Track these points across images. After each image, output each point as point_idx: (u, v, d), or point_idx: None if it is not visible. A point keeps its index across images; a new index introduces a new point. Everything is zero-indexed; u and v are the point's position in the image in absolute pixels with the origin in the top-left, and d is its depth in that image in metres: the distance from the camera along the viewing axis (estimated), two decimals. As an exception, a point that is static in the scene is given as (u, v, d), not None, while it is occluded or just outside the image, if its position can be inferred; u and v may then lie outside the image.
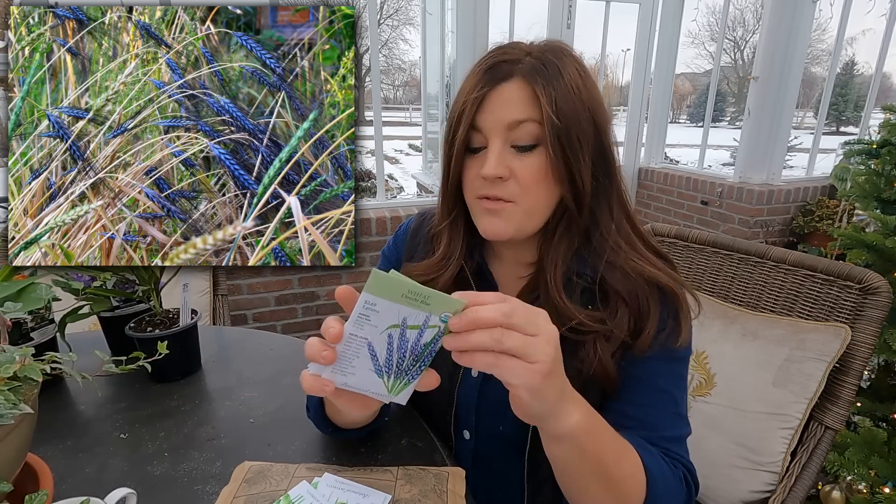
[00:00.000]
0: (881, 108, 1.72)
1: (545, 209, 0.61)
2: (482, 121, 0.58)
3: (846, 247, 1.53)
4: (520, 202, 0.59)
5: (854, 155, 1.75)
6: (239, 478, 0.61)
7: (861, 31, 14.70)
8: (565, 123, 0.55)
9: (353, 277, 2.37)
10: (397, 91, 41.45)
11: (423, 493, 0.59)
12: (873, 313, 0.87)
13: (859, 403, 1.37)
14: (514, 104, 0.57)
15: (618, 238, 0.61)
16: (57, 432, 0.72)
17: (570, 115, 0.56)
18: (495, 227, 0.61)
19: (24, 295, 0.74)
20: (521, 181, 0.58)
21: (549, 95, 0.55)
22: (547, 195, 0.59)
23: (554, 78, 0.56)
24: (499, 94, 0.57)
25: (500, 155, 0.57)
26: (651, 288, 0.60)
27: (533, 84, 0.56)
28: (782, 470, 0.91)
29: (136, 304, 0.91)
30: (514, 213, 0.59)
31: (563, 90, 0.55)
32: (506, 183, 0.58)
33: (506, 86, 0.57)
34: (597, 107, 0.58)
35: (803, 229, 2.74)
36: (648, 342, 0.59)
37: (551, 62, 0.57)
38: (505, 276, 0.69)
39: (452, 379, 0.69)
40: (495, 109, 0.57)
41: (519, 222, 0.60)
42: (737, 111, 23.09)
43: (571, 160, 0.57)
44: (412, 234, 0.77)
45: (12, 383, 0.45)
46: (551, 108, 0.55)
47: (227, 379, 0.87)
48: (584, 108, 0.56)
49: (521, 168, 0.58)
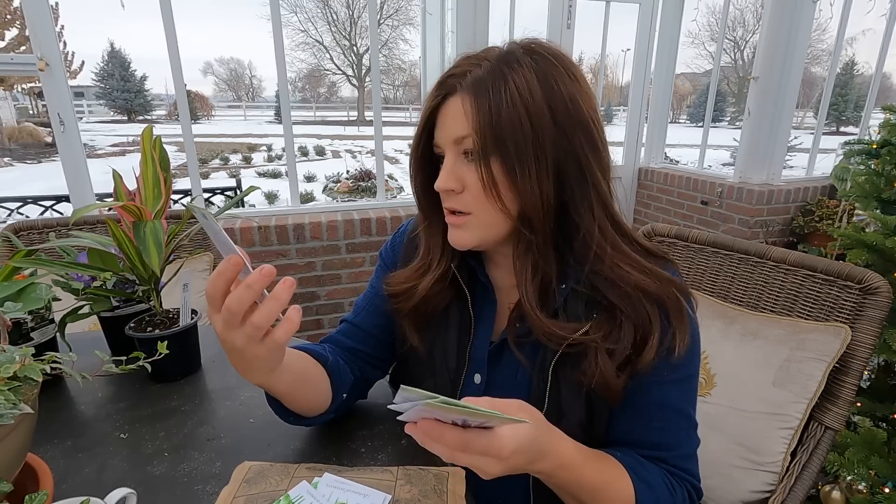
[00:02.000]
0: (881, 108, 1.72)
1: (501, 220, 0.59)
2: (438, 135, 0.60)
3: (846, 247, 1.53)
4: (476, 213, 0.60)
5: (854, 155, 1.75)
6: (239, 478, 0.61)
7: (861, 31, 14.71)
8: (498, 135, 0.54)
9: (353, 277, 2.37)
10: (397, 91, 41.44)
11: (423, 493, 0.59)
12: (873, 313, 0.87)
13: (859, 403, 1.37)
14: (456, 120, 0.57)
15: (603, 242, 0.59)
16: (57, 432, 0.72)
17: (506, 126, 0.54)
18: (458, 238, 0.62)
19: (24, 295, 0.74)
20: (472, 192, 0.58)
21: (482, 108, 0.54)
22: (502, 204, 0.58)
23: (494, 88, 0.54)
24: (446, 109, 0.59)
25: (450, 169, 0.59)
26: (645, 297, 0.58)
27: (468, 98, 0.56)
28: (782, 470, 0.91)
29: (136, 304, 0.91)
30: (473, 224, 0.60)
31: (500, 99, 0.54)
32: (460, 195, 0.59)
33: (451, 100, 0.58)
34: (561, 110, 0.55)
35: (803, 229, 2.74)
36: (654, 354, 0.57)
37: (497, 71, 0.55)
38: (503, 280, 0.69)
39: (455, 386, 0.69)
40: (445, 124, 0.59)
41: (479, 233, 0.61)
42: (737, 111, 23.10)
43: (509, 173, 0.55)
44: (410, 238, 0.77)
45: (12, 383, 0.45)
46: (479, 120, 0.55)
47: (227, 379, 0.87)
48: (534, 115, 0.54)
49: (470, 180, 0.58)
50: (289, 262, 2.13)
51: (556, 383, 0.61)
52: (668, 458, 0.61)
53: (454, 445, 0.44)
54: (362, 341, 0.76)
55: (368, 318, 0.77)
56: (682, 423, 0.63)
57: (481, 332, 0.68)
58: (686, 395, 0.63)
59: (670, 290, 0.59)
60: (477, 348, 0.67)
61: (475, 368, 0.68)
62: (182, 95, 1.99)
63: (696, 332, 0.62)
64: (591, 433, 0.63)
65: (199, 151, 12.81)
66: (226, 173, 11.63)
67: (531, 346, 0.62)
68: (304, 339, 1.24)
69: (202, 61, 47.67)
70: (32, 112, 25.80)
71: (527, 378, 0.63)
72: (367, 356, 0.77)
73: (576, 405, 0.61)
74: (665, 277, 0.59)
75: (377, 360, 0.78)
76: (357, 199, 4.55)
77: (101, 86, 30.91)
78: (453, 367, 0.68)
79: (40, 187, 8.08)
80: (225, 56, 61.72)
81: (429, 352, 0.70)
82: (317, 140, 18.50)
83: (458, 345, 0.68)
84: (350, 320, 0.78)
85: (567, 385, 0.61)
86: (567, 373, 0.60)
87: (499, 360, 0.66)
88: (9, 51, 11.83)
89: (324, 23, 33.23)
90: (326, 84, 43.86)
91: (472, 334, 0.68)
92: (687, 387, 0.63)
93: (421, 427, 0.44)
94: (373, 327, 0.77)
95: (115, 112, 31.98)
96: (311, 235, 2.14)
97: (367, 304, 0.78)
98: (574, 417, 0.61)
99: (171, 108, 31.03)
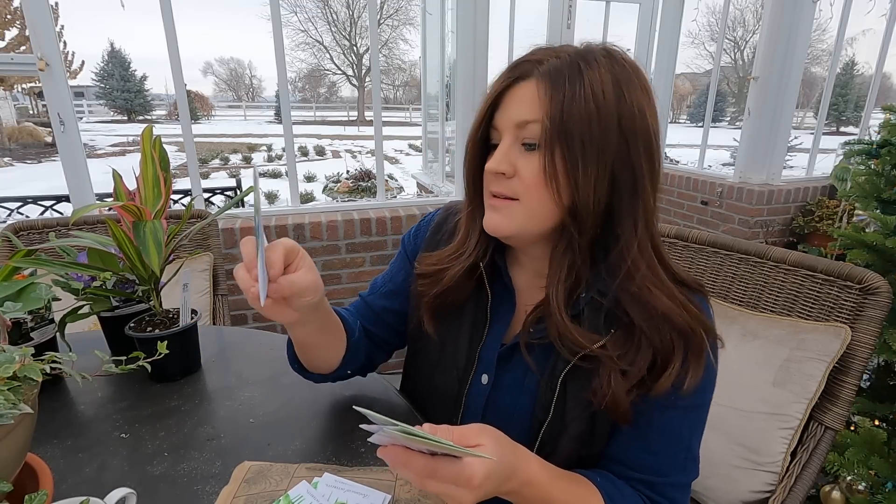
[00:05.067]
0: (881, 108, 1.72)
1: (546, 213, 0.59)
2: (498, 118, 0.59)
3: (846, 247, 1.53)
4: (523, 200, 0.58)
5: (854, 155, 1.75)
6: (239, 478, 0.61)
7: (861, 31, 14.70)
8: (567, 127, 0.54)
9: (352, 277, 2.37)
10: (397, 91, 41.47)
11: (422, 493, 0.59)
12: (873, 313, 0.87)
13: (859, 403, 1.37)
14: (525, 103, 0.56)
15: (639, 259, 0.57)
16: (57, 432, 0.72)
17: (577, 120, 0.54)
18: (494, 222, 0.61)
19: (24, 295, 0.74)
20: (524, 180, 0.58)
21: (556, 97, 0.54)
22: (548, 198, 0.57)
23: (570, 81, 0.54)
24: (514, 92, 0.58)
25: (506, 152, 0.58)
26: (671, 326, 0.56)
27: (548, 85, 0.55)
28: (782, 470, 0.91)
29: (136, 304, 0.91)
30: (516, 212, 0.59)
31: (574, 93, 0.54)
32: (510, 180, 0.58)
33: (522, 84, 0.57)
34: (628, 118, 0.55)
35: (803, 229, 2.74)
36: (670, 382, 0.56)
37: (575, 65, 0.55)
38: (524, 283, 0.68)
39: (462, 384, 0.69)
40: (509, 107, 0.58)
41: (520, 222, 0.59)
42: (737, 111, 23.09)
43: (570, 166, 0.55)
44: (435, 227, 0.77)
45: (12, 383, 0.45)
46: (552, 109, 0.54)
47: (227, 379, 0.87)
48: (604, 116, 0.54)
49: (524, 167, 0.57)
50: (289, 262, 2.13)
51: (564, 394, 0.60)
52: (656, 485, 0.60)
53: (421, 472, 0.44)
54: (373, 322, 0.78)
55: (382, 300, 0.78)
56: (679, 453, 0.61)
57: (494, 333, 0.68)
58: (691, 425, 0.61)
59: (697, 328, 0.57)
60: (487, 349, 0.67)
61: (483, 369, 0.67)
62: (182, 95, 1.99)
63: (713, 371, 0.60)
64: (591, 449, 0.62)
65: (199, 151, 12.82)
66: (226, 173, 11.64)
67: (543, 352, 0.62)
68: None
69: (202, 61, 47.80)
70: (32, 112, 25.82)
71: (534, 384, 0.63)
72: (375, 337, 0.78)
73: (579, 419, 0.60)
74: (695, 314, 0.58)
75: (383, 343, 0.79)
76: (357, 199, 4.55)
77: (101, 86, 30.93)
78: (462, 365, 0.68)
79: (40, 187, 8.08)
80: (225, 56, 61.83)
81: (440, 345, 0.70)
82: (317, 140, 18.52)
83: (470, 343, 0.68)
84: (365, 297, 0.80)
85: (574, 398, 0.60)
86: (576, 386, 0.60)
87: (508, 362, 0.66)
88: (9, 51, 11.84)
89: (324, 23, 33.29)
90: (326, 84, 43.87)
91: (484, 334, 0.68)
92: (693, 416, 0.61)
93: (390, 451, 0.44)
94: (383, 310, 0.78)
95: (115, 112, 32.01)
96: (311, 235, 2.14)
97: (383, 287, 0.79)
98: (575, 430, 0.61)
99: (171, 108, 31.06)
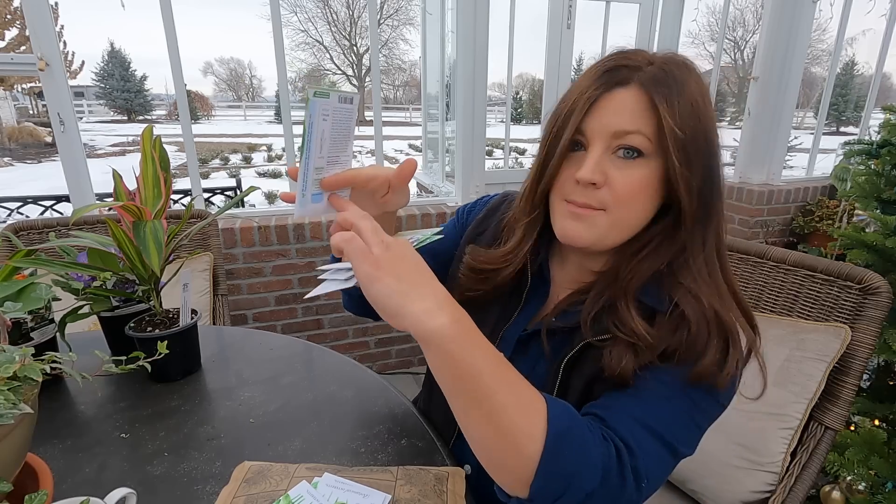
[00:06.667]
0: (881, 108, 1.72)
1: (636, 223, 0.58)
2: (588, 123, 0.56)
3: (846, 247, 1.53)
4: (611, 211, 0.56)
5: (854, 155, 1.75)
6: (239, 478, 0.62)
7: (861, 31, 14.68)
8: (678, 138, 0.53)
9: (353, 277, 2.36)
10: (397, 91, 41.46)
11: (423, 493, 0.59)
12: (873, 313, 0.87)
13: (859, 403, 1.37)
14: (626, 113, 0.54)
15: (703, 268, 0.56)
16: (57, 432, 0.72)
17: (688, 131, 0.53)
18: (575, 231, 0.58)
19: (24, 295, 0.74)
20: (617, 191, 0.55)
21: (673, 107, 0.53)
22: (642, 209, 0.56)
23: (676, 91, 0.53)
24: (612, 99, 0.55)
25: (599, 161, 0.55)
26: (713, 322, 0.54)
27: (653, 94, 0.53)
28: (782, 470, 0.91)
29: (136, 304, 0.91)
30: (600, 223, 0.57)
31: (685, 104, 0.53)
32: (598, 190, 0.55)
33: (622, 92, 0.55)
34: (712, 129, 0.55)
35: (803, 229, 2.74)
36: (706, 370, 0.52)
37: (674, 74, 0.54)
38: (562, 278, 0.68)
39: None
40: (605, 115, 0.55)
41: (602, 232, 0.57)
42: (737, 111, 23.07)
43: (679, 177, 0.54)
44: (488, 212, 0.77)
45: (12, 383, 0.45)
46: (673, 120, 0.52)
47: (227, 379, 0.87)
48: (703, 126, 0.54)
49: (619, 178, 0.55)
50: (289, 262, 2.13)
51: (567, 379, 0.60)
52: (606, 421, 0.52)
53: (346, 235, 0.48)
54: None
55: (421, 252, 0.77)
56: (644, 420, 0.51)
57: (521, 318, 0.68)
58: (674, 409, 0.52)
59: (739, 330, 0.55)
60: (511, 331, 0.68)
61: (502, 348, 0.67)
62: (182, 95, 1.99)
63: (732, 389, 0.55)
64: None
65: (199, 151, 12.81)
66: (226, 173, 11.63)
67: (559, 342, 0.62)
68: (304, 338, 1.24)
69: (202, 61, 47.62)
70: (32, 112, 25.82)
71: (543, 371, 0.63)
72: None
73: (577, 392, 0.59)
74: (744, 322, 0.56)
75: None
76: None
77: (101, 86, 30.94)
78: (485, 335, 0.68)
79: (40, 187, 8.09)
80: (225, 56, 61.65)
81: None
82: (317, 140, 18.42)
83: (496, 322, 0.68)
84: None
85: (577, 379, 0.60)
86: (585, 367, 0.59)
87: (525, 347, 0.66)
88: (9, 51, 11.83)
89: (324, 23, 33.26)
90: (327, 84, 43.84)
91: (513, 315, 0.68)
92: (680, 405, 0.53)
93: None
94: None
95: (115, 112, 32.01)
96: (311, 235, 2.13)
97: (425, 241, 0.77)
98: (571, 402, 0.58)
99: (171, 107, 31.04)
